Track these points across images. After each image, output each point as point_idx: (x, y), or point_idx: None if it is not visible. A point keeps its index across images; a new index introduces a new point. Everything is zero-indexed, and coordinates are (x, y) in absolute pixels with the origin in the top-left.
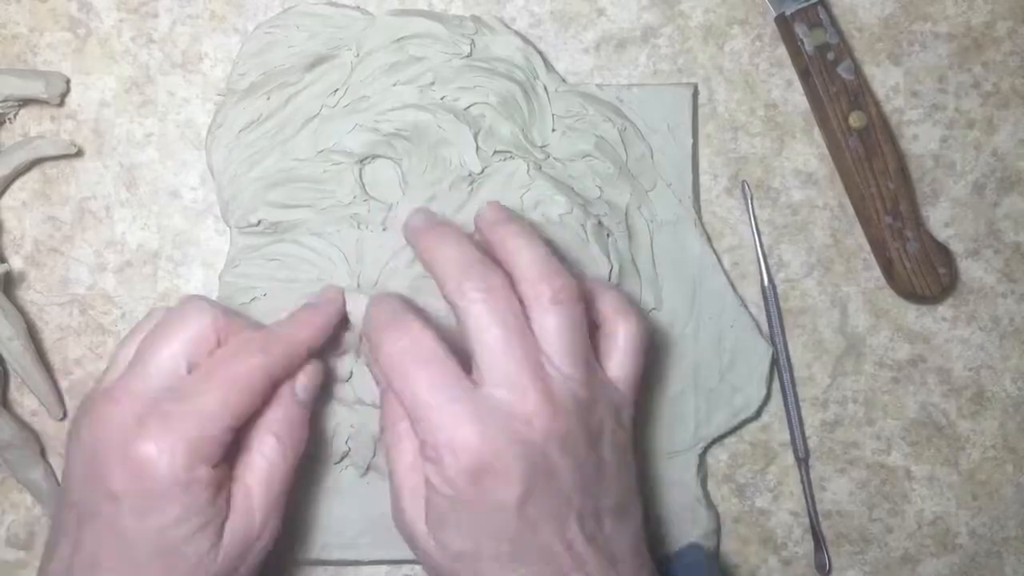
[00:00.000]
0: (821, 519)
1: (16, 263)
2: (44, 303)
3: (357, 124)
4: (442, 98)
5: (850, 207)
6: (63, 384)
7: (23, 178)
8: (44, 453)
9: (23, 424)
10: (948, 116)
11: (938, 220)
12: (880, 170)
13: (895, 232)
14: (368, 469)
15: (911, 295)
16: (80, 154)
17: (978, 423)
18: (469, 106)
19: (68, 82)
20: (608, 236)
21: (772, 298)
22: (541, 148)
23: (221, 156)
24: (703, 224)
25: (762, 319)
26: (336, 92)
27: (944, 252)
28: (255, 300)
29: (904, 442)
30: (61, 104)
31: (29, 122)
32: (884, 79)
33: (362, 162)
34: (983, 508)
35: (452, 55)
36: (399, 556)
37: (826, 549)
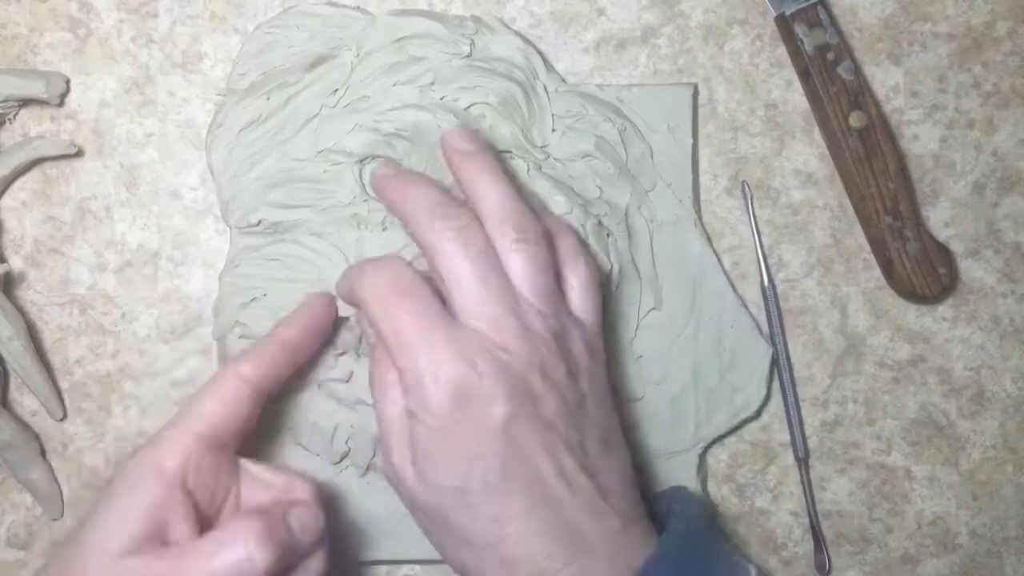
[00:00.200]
0: (821, 519)
1: (16, 263)
2: (44, 303)
3: (357, 124)
4: (442, 98)
5: (850, 207)
6: (63, 384)
7: (23, 178)
8: (44, 453)
9: (23, 424)
10: (948, 116)
11: (938, 220)
12: (880, 170)
13: (895, 232)
14: (368, 469)
15: (911, 295)
16: (80, 154)
17: (978, 423)
18: (469, 106)
19: (68, 82)
20: (608, 236)
21: (772, 298)
22: (541, 148)
23: (221, 156)
24: (703, 224)
25: (762, 319)
26: (336, 92)
27: (944, 252)
28: (255, 300)
29: (904, 442)
30: (61, 104)
31: (29, 122)
32: (884, 79)
33: (362, 162)
34: (983, 508)
35: (452, 55)
36: (399, 556)
37: (826, 549)
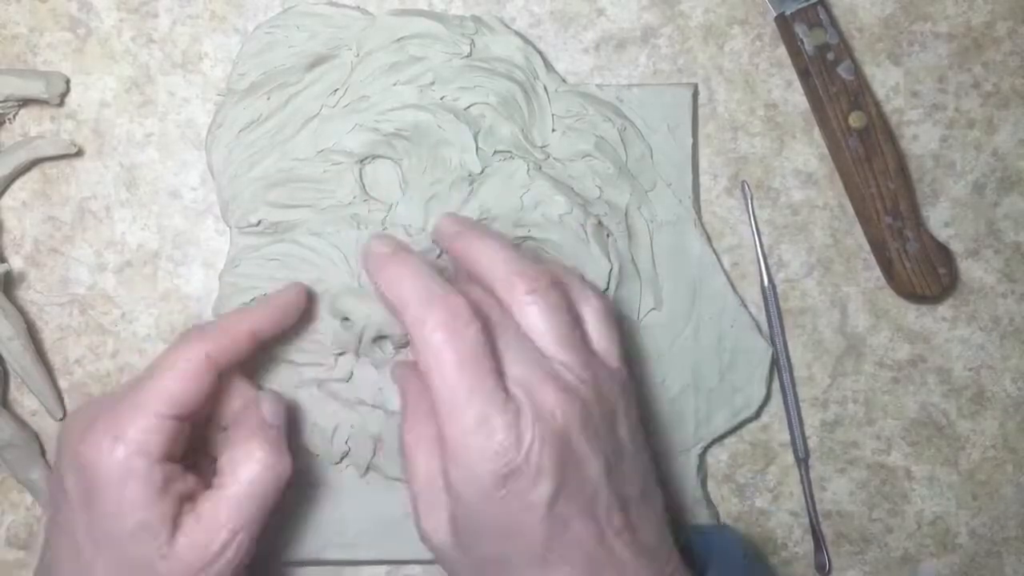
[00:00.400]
0: (821, 519)
1: (16, 263)
2: (44, 303)
3: (357, 124)
4: (442, 98)
5: (850, 207)
6: (63, 384)
7: (23, 178)
8: (44, 453)
9: (23, 424)
10: (948, 116)
11: (938, 220)
12: (880, 170)
13: (895, 232)
14: (368, 469)
15: (911, 295)
16: (80, 154)
17: (978, 423)
18: (469, 106)
19: (68, 82)
20: (608, 236)
21: (772, 298)
22: (541, 148)
23: (221, 156)
24: (703, 224)
25: (762, 319)
26: (336, 92)
27: (944, 252)
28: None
29: (904, 442)
30: (61, 104)
31: (29, 122)
32: (884, 79)
33: (362, 162)
34: (983, 508)
35: (452, 55)
36: (399, 556)
37: (826, 549)
